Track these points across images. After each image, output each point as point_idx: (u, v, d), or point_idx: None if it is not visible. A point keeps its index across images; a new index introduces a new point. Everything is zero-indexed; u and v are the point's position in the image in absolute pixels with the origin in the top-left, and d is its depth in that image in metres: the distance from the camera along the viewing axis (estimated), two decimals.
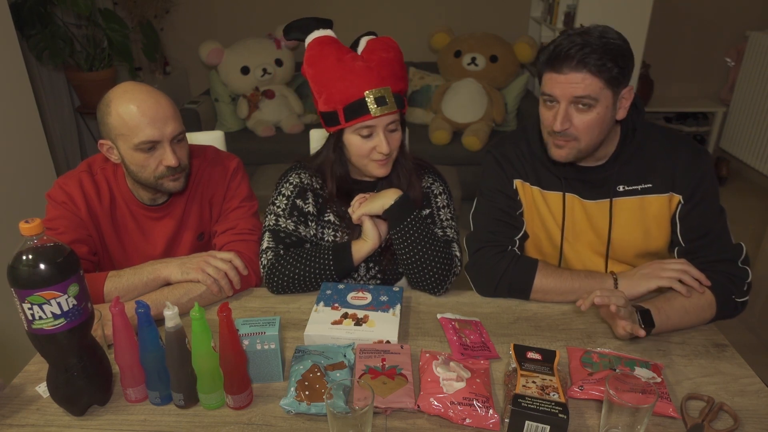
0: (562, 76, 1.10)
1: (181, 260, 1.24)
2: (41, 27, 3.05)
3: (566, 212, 1.30)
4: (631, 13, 2.97)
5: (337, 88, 1.20)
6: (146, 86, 1.21)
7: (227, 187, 1.39)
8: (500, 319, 1.21)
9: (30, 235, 0.81)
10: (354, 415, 0.84)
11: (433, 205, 1.37)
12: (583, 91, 1.09)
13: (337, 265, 1.27)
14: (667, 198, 1.23)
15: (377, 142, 1.23)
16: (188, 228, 1.39)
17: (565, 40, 1.09)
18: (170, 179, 1.23)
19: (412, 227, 1.23)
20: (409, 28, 3.87)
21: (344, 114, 1.21)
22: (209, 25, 3.94)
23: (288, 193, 1.35)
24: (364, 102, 1.19)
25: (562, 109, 1.12)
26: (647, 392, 0.87)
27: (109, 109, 1.17)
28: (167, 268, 1.22)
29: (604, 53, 1.06)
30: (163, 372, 0.94)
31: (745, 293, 1.17)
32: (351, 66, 1.20)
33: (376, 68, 1.21)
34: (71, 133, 3.65)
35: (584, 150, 1.16)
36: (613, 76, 1.08)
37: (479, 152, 3.15)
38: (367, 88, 1.19)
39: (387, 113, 1.21)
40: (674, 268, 1.15)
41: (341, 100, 1.20)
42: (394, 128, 1.26)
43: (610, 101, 1.11)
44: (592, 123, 1.12)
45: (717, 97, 4.01)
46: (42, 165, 2.21)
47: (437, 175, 1.42)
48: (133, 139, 1.16)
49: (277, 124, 3.53)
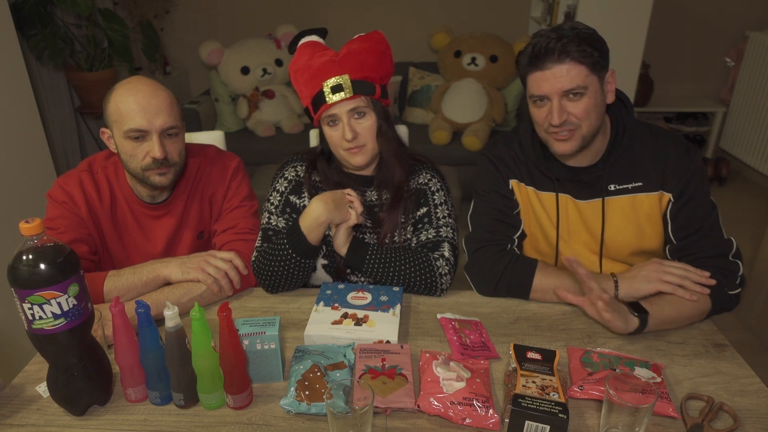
0: (548, 71, 1.11)
1: (181, 260, 1.24)
2: (41, 27, 3.05)
3: (560, 212, 1.30)
4: (631, 13, 2.97)
5: (304, 83, 1.25)
6: (151, 81, 1.22)
7: (228, 186, 1.40)
8: (500, 319, 1.21)
9: (30, 235, 0.81)
10: (354, 415, 0.83)
11: (430, 202, 1.36)
12: (570, 83, 1.10)
13: (292, 243, 1.22)
14: (658, 196, 1.23)
15: (342, 130, 1.24)
16: (188, 227, 1.39)
17: (541, 38, 1.11)
18: (156, 172, 1.23)
19: (374, 260, 1.26)
20: (409, 28, 3.87)
21: (312, 106, 1.25)
22: (209, 25, 3.94)
23: (282, 189, 1.36)
24: (322, 92, 1.22)
25: (556, 103, 1.13)
26: (647, 392, 0.87)
27: (110, 97, 1.20)
28: (167, 267, 1.22)
29: (581, 41, 1.09)
30: (163, 372, 0.94)
31: (737, 286, 1.18)
32: (316, 62, 1.23)
33: (339, 60, 1.22)
34: (71, 133, 3.65)
35: (587, 136, 1.17)
36: (595, 61, 1.11)
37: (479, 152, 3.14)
38: (325, 78, 1.21)
39: (344, 99, 1.21)
40: (676, 273, 1.15)
41: (308, 95, 1.25)
42: (361, 114, 1.24)
43: (597, 86, 1.13)
44: (588, 108, 1.13)
45: (717, 97, 4.01)
46: (42, 165, 2.21)
47: (435, 171, 1.41)
48: (123, 126, 1.18)
49: (277, 124, 3.53)
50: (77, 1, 2.99)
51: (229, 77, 3.45)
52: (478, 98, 3.34)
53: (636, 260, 1.29)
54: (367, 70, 1.23)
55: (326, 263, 1.36)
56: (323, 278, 1.37)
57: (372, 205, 1.36)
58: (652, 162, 1.22)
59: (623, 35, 3.00)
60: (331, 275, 1.37)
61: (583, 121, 1.14)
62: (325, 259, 1.35)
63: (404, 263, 1.26)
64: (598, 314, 1.09)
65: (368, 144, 1.27)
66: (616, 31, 2.98)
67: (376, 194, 1.36)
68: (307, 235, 1.21)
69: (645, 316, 1.10)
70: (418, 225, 1.35)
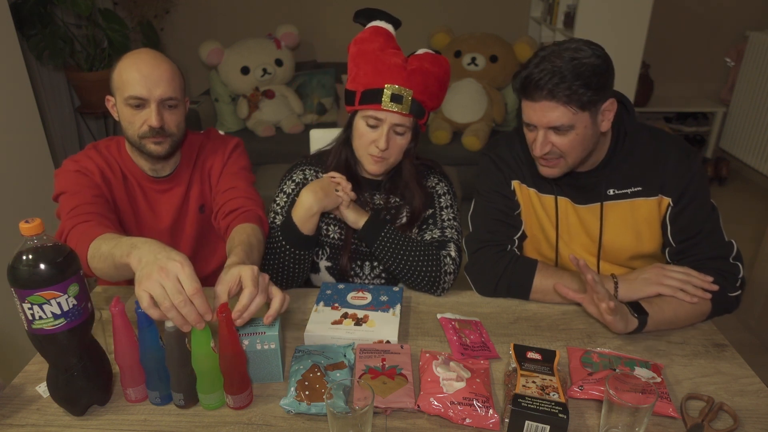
0: (536, 104, 1.10)
1: (148, 258, 0.91)
2: (41, 27, 3.05)
3: (559, 215, 1.30)
4: (631, 13, 2.97)
5: (365, 71, 1.23)
6: (156, 53, 1.24)
7: (226, 161, 1.40)
8: (500, 319, 1.21)
9: (30, 235, 0.81)
10: (354, 415, 0.83)
11: (436, 205, 1.38)
12: (556, 120, 1.09)
13: (286, 236, 1.23)
14: (657, 201, 1.22)
15: (378, 136, 1.24)
16: (192, 200, 1.40)
17: (536, 68, 1.07)
18: (152, 141, 1.24)
19: (387, 241, 1.26)
20: (409, 28, 3.86)
21: (361, 96, 1.23)
22: (209, 25, 3.94)
23: (289, 191, 1.36)
24: (381, 92, 1.20)
25: (540, 135, 1.12)
26: (647, 392, 0.87)
27: (116, 65, 1.23)
28: (133, 257, 0.93)
29: (575, 79, 1.04)
30: (163, 372, 0.94)
31: (737, 288, 1.17)
32: (387, 58, 1.21)
33: (410, 71, 1.21)
34: (71, 133, 3.65)
35: (573, 165, 1.17)
36: (588, 100, 1.06)
37: (479, 152, 3.14)
38: (390, 82, 1.20)
39: (397, 112, 1.21)
40: (677, 277, 1.15)
41: (363, 83, 1.23)
42: (402, 132, 1.25)
43: (587, 121, 1.10)
44: (574, 143, 1.12)
45: (717, 97, 4.01)
46: (42, 165, 2.21)
47: (443, 175, 1.43)
48: (123, 93, 1.20)
49: (277, 124, 3.53)
50: (77, 1, 2.99)
51: (229, 77, 3.45)
52: (478, 98, 3.34)
53: (634, 264, 1.29)
54: (427, 95, 1.24)
55: (330, 265, 1.36)
56: (327, 280, 1.37)
57: (379, 209, 1.37)
58: (651, 166, 1.21)
59: (623, 35, 3.00)
60: (335, 277, 1.37)
61: (568, 154, 1.13)
62: (328, 261, 1.36)
63: (415, 252, 1.26)
64: (599, 314, 1.09)
65: (392, 158, 1.28)
66: (616, 31, 2.98)
67: (383, 198, 1.37)
68: (300, 226, 1.22)
69: (644, 317, 1.10)
70: (422, 225, 1.36)
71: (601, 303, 1.06)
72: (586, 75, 1.05)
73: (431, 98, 1.25)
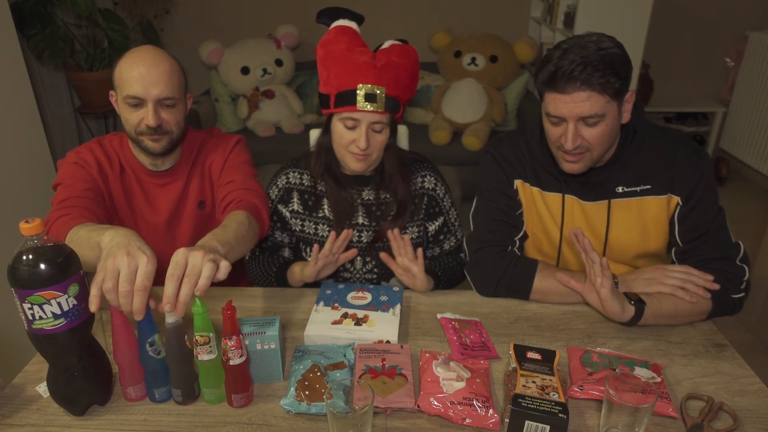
0: (567, 96, 1.09)
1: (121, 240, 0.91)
2: (41, 27, 3.05)
3: (565, 214, 1.30)
4: (631, 13, 2.97)
5: (335, 73, 1.23)
6: (157, 51, 1.26)
7: (227, 156, 1.40)
8: (500, 319, 1.21)
9: (30, 235, 0.81)
10: (354, 415, 0.84)
11: (443, 209, 1.42)
12: (589, 110, 1.08)
13: (279, 282, 1.37)
14: (666, 199, 1.23)
15: (357, 136, 1.25)
16: (190, 196, 1.40)
17: (564, 60, 1.07)
18: (149, 138, 1.25)
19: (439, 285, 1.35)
20: (409, 28, 3.87)
21: (335, 100, 1.24)
22: (209, 25, 3.93)
23: (273, 197, 1.41)
24: (354, 94, 1.21)
25: (571, 127, 1.11)
26: (647, 392, 0.87)
27: (118, 62, 1.25)
28: (106, 236, 0.95)
29: (606, 68, 1.05)
30: (163, 369, 0.94)
31: (741, 290, 1.17)
32: (356, 58, 1.22)
33: (379, 68, 1.22)
34: (71, 133, 3.65)
35: (597, 158, 1.17)
36: (618, 89, 1.08)
37: (479, 152, 3.14)
38: (362, 82, 1.21)
39: (373, 111, 1.22)
40: (677, 276, 1.15)
41: (336, 85, 1.23)
42: (380, 129, 1.26)
43: (616, 112, 1.11)
44: (603, 134, 1.12)
45: (717, 97, 4.00)
46: (42, 165, 2.21)
47: (435, 171, 1.43)
48: (122, 92, 1.23)
49: (277, 124, 3.53)
50: (77, 1, 2.99)
51: (229, 77, 3.45)
52: (478, 98, 3.34)
53: (638, 263, 1.29)
54: (400, 89, 1.25)
55: None
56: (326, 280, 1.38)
57: (369, 204, 1.38)
58: (661, 164, 1.22)
59: (623, 35, 2.95)
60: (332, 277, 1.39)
61: (595, 147, 1.14)
62: None
63: (452, 276, 1.38)
64: (598, 301, 1.09)
65: (374, 155, 1.30)
66: (616, 31, 2.93)
67: (373, 194, 1.38)
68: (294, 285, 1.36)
69: (642, 305, 1.10)
70: (439, 236, 1.43)
71: (596, 278, 1.07)
72: (615, 64, 1.06)
73: (404, 91, 1.26)
